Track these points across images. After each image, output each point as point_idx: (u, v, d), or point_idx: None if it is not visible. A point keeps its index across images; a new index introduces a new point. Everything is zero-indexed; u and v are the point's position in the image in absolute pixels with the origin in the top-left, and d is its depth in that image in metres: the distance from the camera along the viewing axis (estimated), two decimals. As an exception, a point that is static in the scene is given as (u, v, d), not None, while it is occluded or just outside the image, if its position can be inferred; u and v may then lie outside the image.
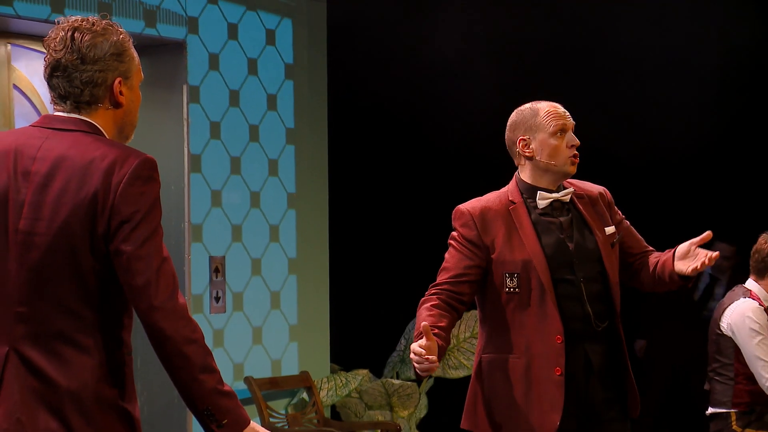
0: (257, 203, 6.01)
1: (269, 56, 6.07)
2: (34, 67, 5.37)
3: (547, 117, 4.14)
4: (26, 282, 2.86)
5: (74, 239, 2.83)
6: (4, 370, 2.85)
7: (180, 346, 2.84)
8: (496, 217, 4.13)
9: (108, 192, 2.81)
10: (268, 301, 6.08)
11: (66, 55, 2.90)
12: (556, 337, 4.04)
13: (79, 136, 2.88)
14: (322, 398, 6.10)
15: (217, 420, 2.88)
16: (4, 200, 2.87)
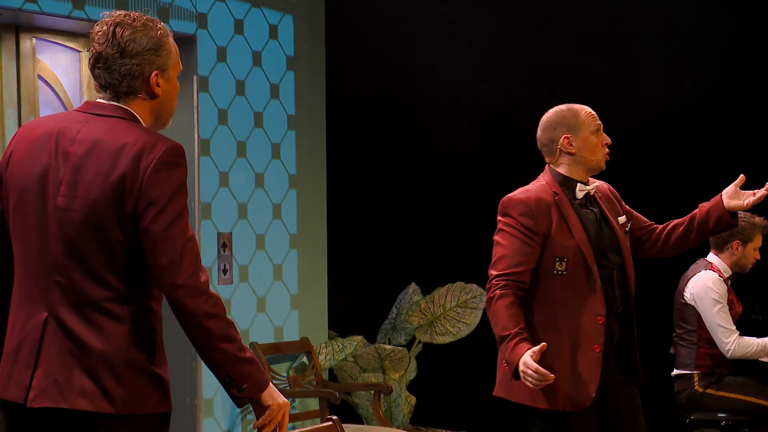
0: (261, 184, 6.05)
1: (272, 49, 6.09)
2: (57, 59, 5.38)
3: (588, 117, 4.26)
4: (63, 254, 2.86)
5: (105, 217, 2.83)
6: (44, 334, 2.85)
7: (201, 319, 2.83)
8: (547, 206, 4.17)
9: (136, 175, 2.81)
10: (271, 274, 6.11)
11: (107, 48, 2.90)
12: (598, 318, 4.13)
13: (116, 122, 2.88)
14: (320, 362, 6.13)
15: (238, 385, 2.89)
16: (44, 178, 2.88)
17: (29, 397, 2.84)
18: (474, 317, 6.45)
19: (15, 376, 2.87)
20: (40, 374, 2.84)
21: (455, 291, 6.49)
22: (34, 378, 2.84)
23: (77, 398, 2.81)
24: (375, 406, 6.12)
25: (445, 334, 6.44)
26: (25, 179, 2.91)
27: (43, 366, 2.84)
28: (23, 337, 2.89)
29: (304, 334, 6.21)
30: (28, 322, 2.89)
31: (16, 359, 2.89)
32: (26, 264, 2.92)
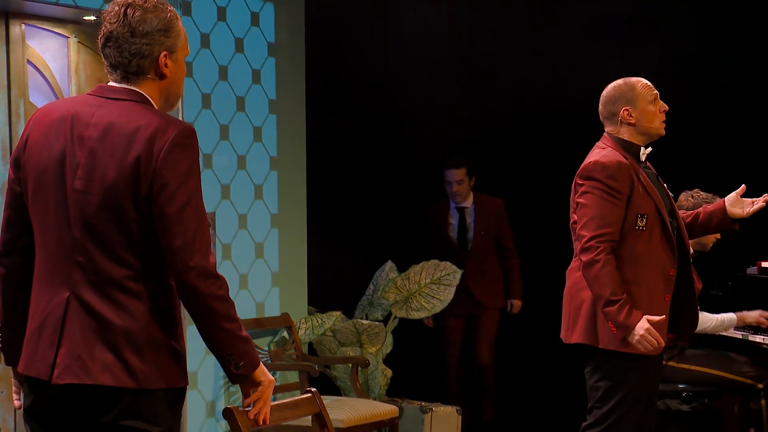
0: (243, 165, 6.05)
1: (254, 36, 6.08)
2: (46, 44, 5.37)
3: (644, 89, 4.46)
4: (82, 235, 2.84)
5: (121, 199, 2.82)
6: (66, 313, 2.84)
7: (209, 301, 2.83)
8: (627, 168, 4.36)
9: (150, 158, 2.79)
10: (252, 252, 6.12)
11: (118, 27, 2.88)
12: (671, 270, 4.36)
13: (129, 105, 2.86)
14: (300, 336, 6.15)
15: (236, 362, 2.90)
16: (61, 162, 2.86)
17: (54, 374, 2.84)
18: (447, 293, 6.48)
19: (39, 354, 2.87)
20: (63, 352, 2.83)
21: (430, 268, 6.52)
22: (58, 355, 2.84)
23: (100, 374, 2.81)
24: (353, 378, 6.14)
25: (420, 309, 6.47)
26: (42, 163, 2.90)
27: (66, 344, 2.84)
28: (46, 316, 2.88)
29: (285, 309, 6.22)
30: (51, 302, 2.88)
31: (40, 338, 2.88)
32: (46, 245, 2.90)
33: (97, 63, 5.56)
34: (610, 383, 4.43)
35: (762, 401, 5.99)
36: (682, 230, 4.50)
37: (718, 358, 6.10)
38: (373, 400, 6.15)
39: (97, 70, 5.56)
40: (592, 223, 4.27)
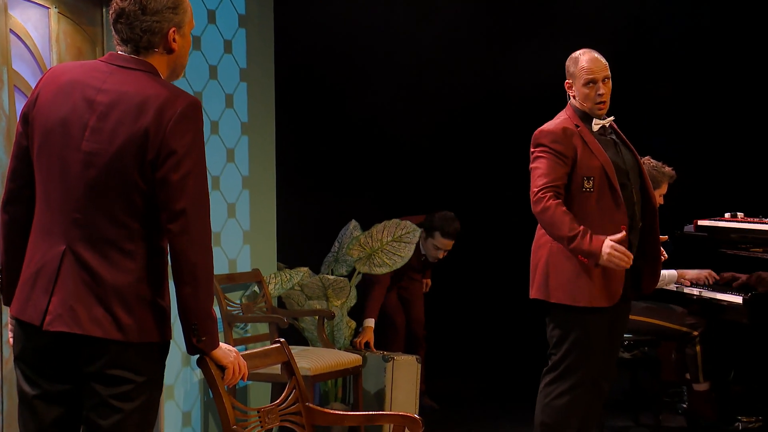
0: (216, 130, 6.01)
1: (225, 8, 6.04)
2: (28, 15, 5.32)
3: (581, 71, 4.50)
4: (84, 194, 2.84)
5: (126, 163, 2.80)
6: (61, 265, 2.84)
7: (196, 269, 2.83)
8: (573, 134, 4.44)
9: (159, 127, 2.78)
10: (225, 212, 6.10)
11: (129, 5, 2.86)
12: (622, 227, 4.37)
13: (139, 74, 2.85)
14: (270, 291, 6.16)
15: (198, 335, 2.90)
16: (69, 123, 2.85)
17: (45, 320, 2.85)
18: (407, 250, 6.50)
19: (33, 300, 2.89)
20: (56, 301, 2.85)
21: (391, 227, 6.54)
22: (51, 304, 2.85)
23: (90, 325, 2.83)
24: (319, 329, 6.17)
25: (382, 265, 6.49)
26: (51, 122, 2.89)
27: (59, 293, 2.85)
28: (42, 266, 2.89)
29: (256, 265, 6.23)
30: (48, 253, 2.88)
31: (35, 285, 2.89)
32: (47, 200, 2.90)
33: (77, 33, 5.50)
34: (560, 332, 4.53)
35: (697, 347, 6.08)
36: (648, 190, 4.56)
37: (657, 309, 6.18)
38: (338, 350, 6.19)
39: (76, 39, 5.51)
40: (539, 180, 4.38)
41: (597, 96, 4.50)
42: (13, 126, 5.22)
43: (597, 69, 4.52)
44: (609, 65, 4.60)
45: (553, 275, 4.48)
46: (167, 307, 2.94)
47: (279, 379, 5.52)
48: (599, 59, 4.56)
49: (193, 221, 2.82)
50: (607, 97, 4.54)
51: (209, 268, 2.87)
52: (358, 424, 3.98)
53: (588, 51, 4.57)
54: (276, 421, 3.43)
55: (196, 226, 2.82)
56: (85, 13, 5.54)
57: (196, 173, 2.83)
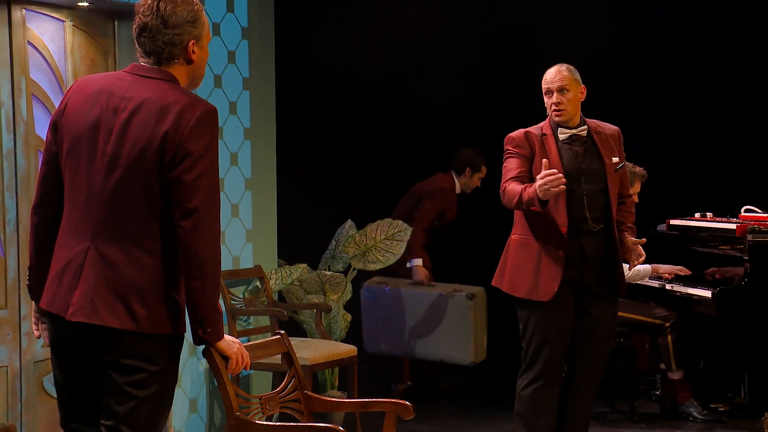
0: (221, 135, 6.02)
1: (229, 20, 6.05)
2: (45, 27, 5.33)
3: (543, 83, 4.60)
4: (108, 194, 2.88)
5: (147, 165, 2.83)
6: (85, 261, 2.88)
7: (204, 265, 2.85)
8: (535, 140, 4.53)
9: (177, 131, 2.81)
10: (229, 212, 6.10)
11: (152, 20, 2.89)
12: (562, 228, 4.43)
13: (160, 83, 2.89)
14: (271, 286, 6.17)
15: (204, 327, 2.92)
16: (96, 128, 2.89)
17: (69, 312, 2.90)
18: (399, 248, 6.53)
19: (60, 294, 2.93)
20: (79, 294, 2.89)
21: (384, 226, 6.56)
22: (74, 296, 2.90)
23: (108, 317, 2.87)
24: (317, 322, 6.19)
25: (376, 262, 6.51)
26: (78, 128, 2.93)
27: (82, 287, 2.90)
28: (68, 262, 2.93)
29: (258, 262, 6.25)
30: (74, 249, 2.93)
31: (62, 280, 2.94)
32: (74, 200, 2.94)
33: (90, 44, 5.53)
34: (521, 324, 4.63)
35: (669, 338, 6.11)
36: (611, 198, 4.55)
37: (632, 303, 6.21)
38: (335, 341, 6.20)
39: (90, 50, 5.53)
40: (504, 177, 4.51)
41: (552, 104, 4.55)
42: (31, 131, 5.24)
43: (551, 79, 4.56)
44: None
45: (506, 266, 4.61)
46: (182, 302, 2.96)
47: (279, 368, 5.53)
48: (557, 71, 4.59)
49: (203, 219, 2.83)
50: (565, 106, 4.54)
51: (217, 264, 2.90)
52: (354, 410, 4.00)
53: (556, 65, 4.61)
54: (277, 407, 3.46)
55: (207, 223, 2.84)
56: (98, 26, 5.57)
57: (209, 175, 2.85)
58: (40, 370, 5.26)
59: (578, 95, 4.59)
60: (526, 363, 4.61)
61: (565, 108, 4.54)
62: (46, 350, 5.26)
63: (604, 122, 4.74)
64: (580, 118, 4.63)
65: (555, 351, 4.52)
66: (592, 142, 4.60)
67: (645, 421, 6.15)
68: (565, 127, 4.58)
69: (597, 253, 4.53)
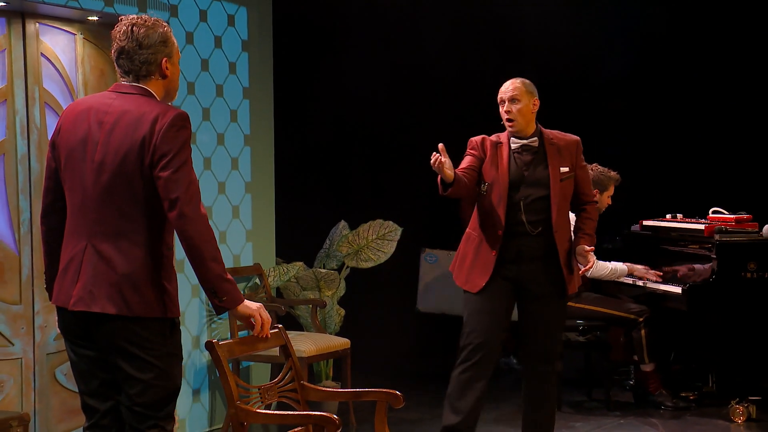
0: (222, 142, 6.03)
1: (230, 34, 6.05)
2: (57, 40, 5.33)
3: (498, 93, 4.59)
4: (99, 196, 3.06)
5: (130, 167, 3.03)
6: (83, 257, 3.06)
7: (198, 242, 3.01)
8: (489, 147, 4.57)
9: (152, 135, 3.00)
10: (230, 213, 6.11)
11: (128, 43, 3.10)
12: (498, 230, 4.46)
13: (137, 97, 3.08)
14: (269, 282, 6.17)
15: (218, 297, 3.06)
16: (85, 140, 3.08)
17: (71, 302, 3.09)
18: (390, 247, 6.53)
19: (64, 289, 3.12)
20: (79, 286, 3.07)
21: (376, 226, 6.56)
22: (75, 289, 3.08)
23: (105, 304, 3.03)
24: (312, 317, 6.19)
25: (368, 260, 6.51)
26: (71, 143, 3.12)
27: (82, 280, 3.07)
28: (70, 260, 3.11)
29: (257, 260, 6.24)
30: (74, 249, 3.10)
31: (65, 276, 3.12)
32: (72, 206, 3.13)
33: (99, 55, 5.53)
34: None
35: (642, 332, 6.13)
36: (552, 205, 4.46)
37: (607, 299, 6.23)
38: (329, 335, 6.20)
39: (99, 61, 5.53)
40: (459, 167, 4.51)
41: (504, 113, 4.55)
42: (44, 137, 5.24)
43: (504, 90, 4.54)
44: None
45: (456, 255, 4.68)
46: (172, 289, 3.11)
47: (277, 360, 5.53)
48: (511, 82, 4.56)
49: (186, 205, 2.99)
50: (515, 116, 4.50)
51: (209, 241, 3.02)
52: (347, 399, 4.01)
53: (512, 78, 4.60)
54: (275, 397, 3.46)
55: (190, 208, 2.99)
56: (106, 39, 5.56)
57: (185, 169, 3.01)
58: (53, 362, 5.25)
59: (530, 107, 4.54)
60: (459, 347, 4.66)
61: (516, 118, 4.51)
62: (58, 343, 5.25)
63: (567, 133, 4.68)
64: (536, 129, 4.58)
65: (481, 338, 4.51)
66: (543, 152, 4.55)
67: (620, 409, 6.17)
68: (516, 137, 4.56)
69: (534, 255, 4.49)
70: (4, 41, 5.07)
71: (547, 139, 4.57)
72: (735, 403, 5.83)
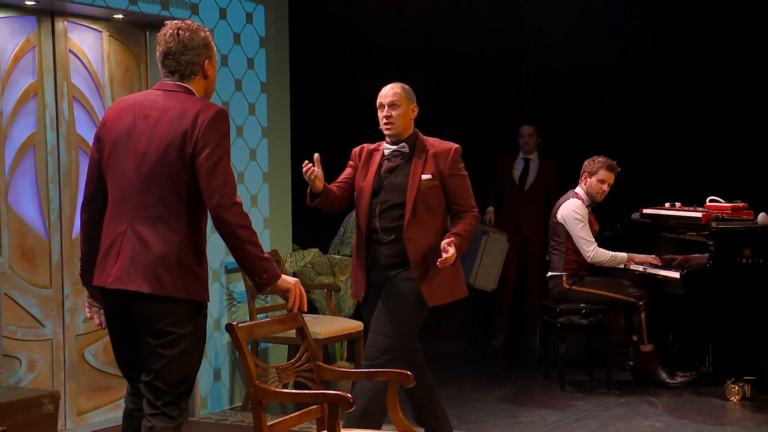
0: (241, 133, 6.02)
1: (248, 31, 6.05)
2: (84, 37, 5.34)
3: (377, 98, 4.32)
4: (140, 184, 3.15)
5: (172, 158, 3.12)
6: (123, 239, 3.13)
7: (234, 228, 3.10)
8: (364, 155, 4.36)
9: (195, 128, 3.09)
10: (249, 202, 6.10)
11: (175, 45, 3.20)
12: (362, 237, 4.26)
13: (180, 95, 3.18)
14: (286, 268, 6.15)
15: (259, 275, 3.16)
16: (129, 132, 3.18)
17: (109, 281, 3.16)
18: (400, 234, 6.51)
19: (105, 269, 3.18)
20: (117, 266, 3.15)
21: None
22: (114, 269, 3.15)
23: (140, 283, 3.10)
24: (327, 301, 6.19)
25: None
26: (116, 135, 3.21)
27: (120, 261, 3.15)
28: (111, 243, 3.18)
29: (274, 247, 6.25)
30: (115, 232, 3.17)
31: (107, 258, 3.18)
32: (114, 192, 3.20)
33: (125, 52, 5.53)
34: None
35: (642, 315, 6.11)
36: (405, 213, 4.16)
37: (609, 283, 6.22)
38: (343, 317, 6.21)
39: (124, 57, 5.53)
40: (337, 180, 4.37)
41: (383, 118, 4.26)
42: (72, 130, 5.25)
43: (385, 95, 4.27)
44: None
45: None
46: (203, 273, 3.17)
47: (294, 341, 5.55)
48: (391, 87, 4.29)
49: (224, 195, 3.07)
50: (394, 120, 4.23)
51: (246, 226, 3.10)
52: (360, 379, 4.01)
53: (392, 83, 4.31)
54: (292, 377, 3.47)
55: (226, 197, 3.07)
56: (131, 36, 5.57)
57: (224, 161, 3.10)
58: (81, 343, 5.28)
59: (409, 113, 4.26)
60: None
61: (394, 122, 4.23)
62: (87, 325, 5.28)
63: (447, 141, 4.30)
64: (413, 134, 4.30)
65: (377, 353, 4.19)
66: (410, 158, 4.24)
67: (620, 389, 6.16)
68: (391, 143, 4.29)
69: (390, 262, 4.19)
70: (34, 39, 5.08)
71: (419, 146, 4.25)
72: (731, 382, 5.81)
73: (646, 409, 5.67)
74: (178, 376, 3.15)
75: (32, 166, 5.07)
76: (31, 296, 5.02)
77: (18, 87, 5.02)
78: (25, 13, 5.04)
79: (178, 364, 3.13)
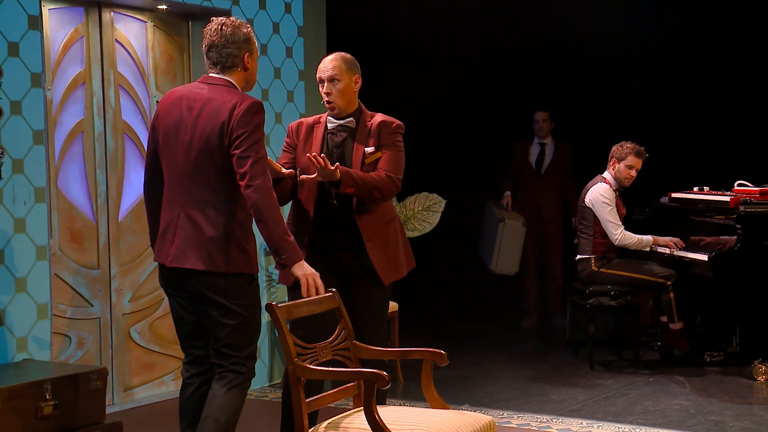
0: (280, 120, 6.00)
1: (287, 20, 6.04)
2: (130, 27, 5.36)
3: (317, 71, 3.94)
4: (188, 171, 3.38)
5: (213, 147, 3.34)
6: (177, 222, 3.39)
7: (262, 207, 3.27)
8: (303, 130, 3.95)
9: (230, 120, 3.31)
10: (287, 186, 6.12)
11: (218, 39, 3.41)
12: (310, 213, 3.88)
13: (221, 88, 3.42)
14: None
15: (279, 255, 3.34)
16: (177, 123, 3.41)
17: (167, 260, 3.41)
18: (434, 218, 6.47)
19: (163, 249, 3.43)
20: (174, 246, 3.39)
21: (421, 198, 6.52)
22: (171, 249, 3.39)
23: (195, 261, 3.34)
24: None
25: (414, 230, 6.47)
26: (167, 125, 3.43)
27: (176, 242, 3.39)
28: (167, 225, 3.41)
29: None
30: (170, 215, 3.41)
31: (164, 238, 3.42)
32: (168, 178, 3.43)
33: (168, 41, 5.54)
34: None
35: (671, 294, 6.06)
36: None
37: (636, 264, 6.16)
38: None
39: (168, 47, 5.55)
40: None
41: (323, 95, 3.90)
42: (118, 117, 5.28)
43: (323, 69, 3.89)
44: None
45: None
46: (252, 249, 3.38)
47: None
48: (330, 60, 3.90)
49: (254, 177, 3.25)
50: (334, 96, 3.87)
51: (272, 207, 3.27)
52: (395, 357, 4.02)
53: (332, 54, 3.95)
54: (329, 355, 3.47)
55: (257, 180, 3.25)
56: (174, 26, 5.58)
57: (256, 147, 3.28)
58: (128, 321, 5.33)
59: (351, 85, 3.90)
60: None
61: (335, 100, 3.87)
62: (133, 304, 5.32)
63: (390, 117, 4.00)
64: (358, 108, 3.96)
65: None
66: (354, 132, 3.91)
67: (648, 368, 6.12)
68: (334, 117, 3.91)
69: (347, 241, 3.88)
70: (82, 29, 5.11)
71: (363, 120, 3.92)
72: (758, 362, 5.75)
73: (674, 388, 5.62)
74: (242, 341, 3.37)
75: (80, 151, 5.11)
76: (80, 276, 5.07)
77: (67, 76, 5.05)
78: (74, 5, 5.07)
79: (239, 331, 3.36)
